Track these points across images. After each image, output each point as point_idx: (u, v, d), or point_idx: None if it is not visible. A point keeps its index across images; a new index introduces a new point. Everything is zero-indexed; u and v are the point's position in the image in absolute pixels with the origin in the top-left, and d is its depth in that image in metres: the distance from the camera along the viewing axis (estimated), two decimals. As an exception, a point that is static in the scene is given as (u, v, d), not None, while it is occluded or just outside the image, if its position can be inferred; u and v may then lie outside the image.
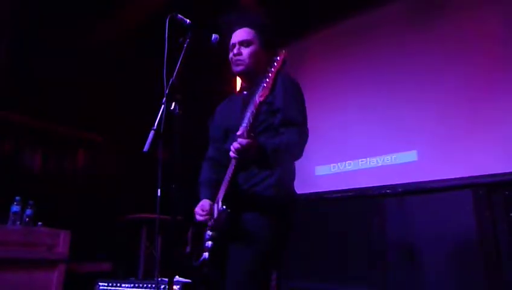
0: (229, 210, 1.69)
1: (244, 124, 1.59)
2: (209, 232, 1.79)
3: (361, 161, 3.92)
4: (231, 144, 1.62)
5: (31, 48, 4.32)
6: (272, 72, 1.51)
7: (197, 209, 1.90)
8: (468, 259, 3.20)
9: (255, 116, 1.55)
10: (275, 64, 1.52)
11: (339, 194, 4.00)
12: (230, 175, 1.70)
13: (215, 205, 1.79)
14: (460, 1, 3.61)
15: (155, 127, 1.67)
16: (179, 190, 1.70)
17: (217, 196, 1.83)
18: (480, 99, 3.32)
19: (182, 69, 1.78)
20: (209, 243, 1.76)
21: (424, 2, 3.82)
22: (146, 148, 1.62)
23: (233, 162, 1.68)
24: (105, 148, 4.77)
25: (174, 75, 1.76)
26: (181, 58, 1.80)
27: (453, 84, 3.48)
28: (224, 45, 2.02)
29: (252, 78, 1.95)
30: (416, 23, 3.80)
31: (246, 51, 1.93)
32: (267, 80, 1.51)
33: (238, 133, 1.58)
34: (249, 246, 1.68)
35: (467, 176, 3.27)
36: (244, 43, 1.94)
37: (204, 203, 1.90)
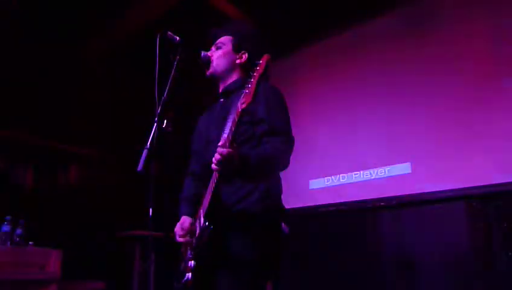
0: (211, 227, 1.58)
1: (225, 134, 1.49)
2: (191, 251, 1.68)
3: (355, 174, 3.92)
4: (213, 155, 1.50)
5: (23, 63, 4.31)
6: (254, 76, 1.43)
7: (177, 228, 1.78)
8: (463, 270, 3.19)
9: (237, 124, 1.45)
10: (258, 68, 1.44)
11: (334, 208, 3.99)
12: (212, 189, 1.58)
13: (197, 222, 1.69)
14: (450, 14, 3.66)
15: (148, 146, 1.65)
16: (171, 207, 1.68)
17: (198, 211, 1.73)
18: (472, 111, 3.35)
19: (173, 87, 1.78)
20: (192, 262, 1.65)
21: (415, 16, 3.86)
22: (140, 168, 1.59)
23: (215, 174, 1.56)
24: (98, 165, 4.73)
25: (166, 92, 1.76)
26: (172, 75, 1.80)
27: (445, 96, 3.51)
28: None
29: (225, 81, 1.91)
30: (408, 37, 3.84)
31: (215, 54, 1.91)
32: (249, 85, 1.42)
33: (220, 143, 1.48)
34: (237, 273, 1.58)
35: (460, 187, 3.28)
36: (216, 46, 1.94)
37: (184, 220, 1.78)
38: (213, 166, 1.50)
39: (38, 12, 4.11)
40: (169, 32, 1.80)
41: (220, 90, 1.94)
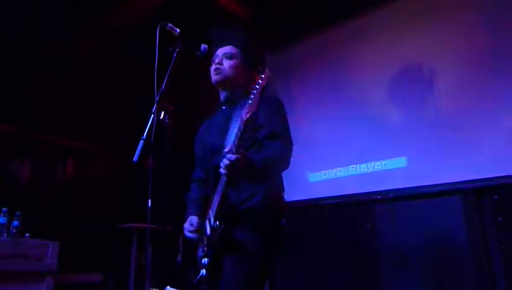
0: (223, 226, 1.74)
1: (231, 140, 1.64)
2: (202, 249, 1.83)
3: (352, 167, 3.93)
4: (218, 161, 1.67)
5: (19, 58, 4.28)
6: (257, 89, 1.58)
7: (186, 225, 1.94)
8: (458, 263, 3.21)
9: (242, 132, 1.61)
10: (260, 82, 1.59)
11: (331, 201, 4.00)
12: (221, 192, 1.75)
13: (207, 222, 1.84)
14: (451, 8, 3.64)
15: (144, 137, 1.66)
16: (168, 199, 1.69)
17: (206, 213, 1.88)
18: (467, 105, 3.36)
19: (171, 79, 1.78)
20: (205, 260, 1.81)
21: (415, 8, 3.83)
22: (135, 158, 1.61)
23: (223, 178, 1.72)
24: (95, 157, 4.72)
25: (164, 84, 1.75)
26: (170, 67, 1.80)
27: (442, 90, 3.52)
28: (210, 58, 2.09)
29: (230, 90, 2.03)
30: (406, 30, 3.83)
31: (227, 63, 2.01)
32: (253, 96, 1.58)
33: (226, 149, 1.64)
34: (243, 259, 1.73)
35: (456, 181, 3.29)
36: (227, 55, 2.03)
37: (193, 219, 1.93)
38: (221, 170, 1.66)
39: (35, 6, 4.08)
40: (169, 24, 1.80)
41: (223, 99, 2.07)
